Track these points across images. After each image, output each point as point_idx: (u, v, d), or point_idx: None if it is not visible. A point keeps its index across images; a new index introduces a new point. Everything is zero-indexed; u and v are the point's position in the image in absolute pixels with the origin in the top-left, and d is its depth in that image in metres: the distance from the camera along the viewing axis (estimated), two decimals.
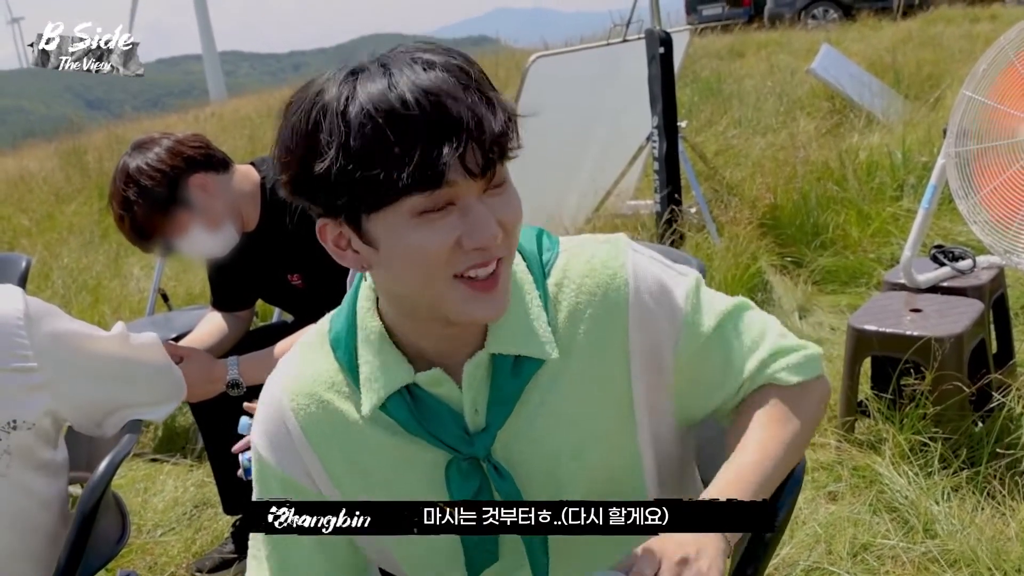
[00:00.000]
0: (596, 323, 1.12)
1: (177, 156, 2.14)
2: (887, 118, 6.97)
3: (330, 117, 0.93)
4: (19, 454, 1.61)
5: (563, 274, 1.14)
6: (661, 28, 4.91)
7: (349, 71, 0.96)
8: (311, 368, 1.17)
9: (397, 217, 0.95)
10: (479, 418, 1.11)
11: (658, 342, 1.14)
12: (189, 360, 2.18)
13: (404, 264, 0.99)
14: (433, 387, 1.10)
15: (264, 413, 1.20)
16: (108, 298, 5.67)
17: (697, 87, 9.04)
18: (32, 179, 10.53)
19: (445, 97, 0.92)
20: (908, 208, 4.94)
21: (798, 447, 1.18)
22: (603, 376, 1.13)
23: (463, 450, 1.10)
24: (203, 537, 3.06)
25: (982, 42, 9.08)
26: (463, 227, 0.96)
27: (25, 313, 1.57)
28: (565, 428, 1.12)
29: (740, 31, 13.92)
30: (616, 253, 1.15)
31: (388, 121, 0.91)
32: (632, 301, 1.12)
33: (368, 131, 0.91)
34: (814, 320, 4.30)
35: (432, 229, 0.96)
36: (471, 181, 0.95)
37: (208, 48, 41.98)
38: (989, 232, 2.88)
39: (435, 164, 0.91)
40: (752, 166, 5.89)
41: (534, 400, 1.12)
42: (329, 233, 1.03)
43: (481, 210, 0.97)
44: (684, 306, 1.15)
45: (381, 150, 0.91)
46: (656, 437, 1.18)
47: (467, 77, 0.95)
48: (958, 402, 2.80)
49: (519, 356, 1.09)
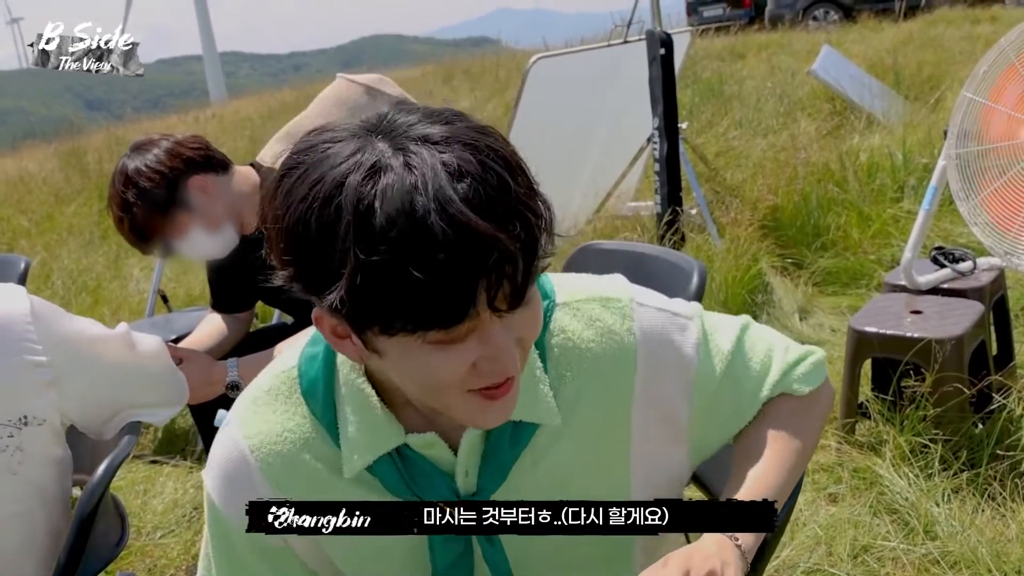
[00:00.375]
0: (601, 386, 1.07)
1: (176, 158, 2.13)
2: (888, 119, 6.96)
3: (345, 214, 0.81)
4: (31, 451, 1.60)
5: (564, 335, 1.07)
6: (662, 29, 4.91)
7: (362, 145, 0.84)
8: (277, 421, 1.06)
9: (411, 340, 0.85)
10: (470, 481, 1.05)
11: (668, 398, 1.10)
12: (188, 362, 2.18)
13: (413, 378, 0.91)
14: (425, 449, 1.03)
15: (225, 470, 1.09)
16: (108, 299, 5.68)
17: (698, 88, 9.04)
18: (32, 180, 10.52)
19: (478, 222, 0.80)
20: (909, 210, 4.94)
21: (808, 453, 1.19)
22: (601, 436, 1.08)
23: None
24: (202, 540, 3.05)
25: (983, 44, 9.07)
26: (480, 352, 0.88)
27: (32, 311, 1.57)
28: (555, 492, 1.06)
29: (741, 32, 13.91)
30: (622, 318, 1.08)
31: (411, 248, 0.79)
32: (640, 366, 1.08)
33: (386, 253, 0.79)
34: (814, 321, 4.30)
35: (447, 354, 0.87)
36: (495, 316, 0.87)
37: (208, 49, 41.96)
38: (989, 234, 2.88)
39: (459, 305, 0.82)
40: (753, 167, 5.89)
41: (527, 463, 1.06)
42: (326, 325, 0.92)
43: (501, 339, 0.88)
44: (695, 358, 1.11)
45: (399, 278, 0.80)
46: (649, 493, 1.14)
47: (506, 190, 0.82)
48: (958, 404, 2.80)
49: (518, 423, 1.03)
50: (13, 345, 1.54)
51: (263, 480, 1.06)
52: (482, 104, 10.52)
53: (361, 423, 1.01)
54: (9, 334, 1.54)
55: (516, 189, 0.83)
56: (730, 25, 14.58)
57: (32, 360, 1.56)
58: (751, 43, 12.72)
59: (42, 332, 1.57)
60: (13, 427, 1.57)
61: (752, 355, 1.17)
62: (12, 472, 1.59)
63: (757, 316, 4.23)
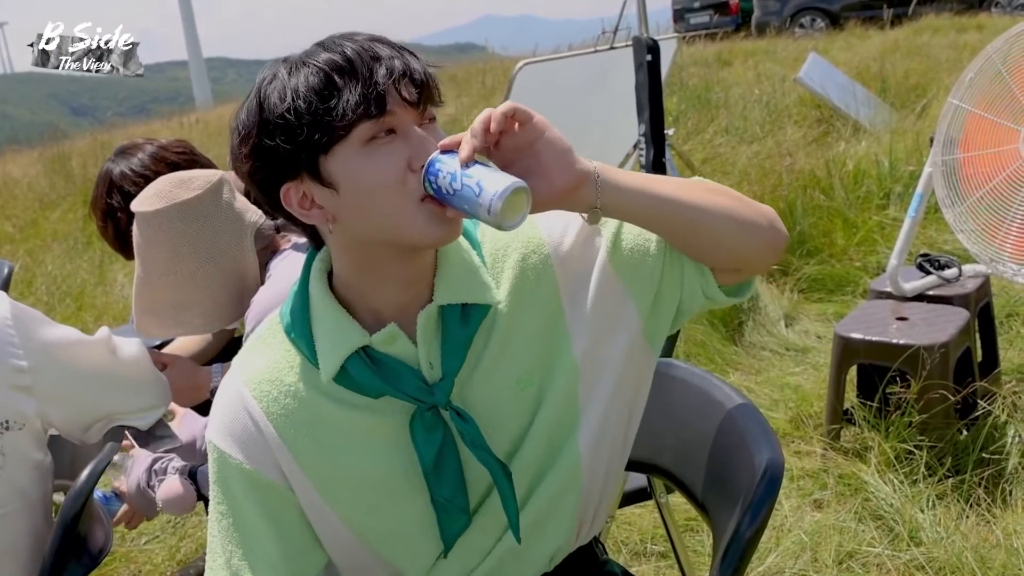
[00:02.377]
0: (521, 257, 1.20)
1: (161, 162, 2.11)
2: (874, 127, 6.99)
3: (279, 83, 1.07)
4: (13, 455, 1.60)
5: (493, 236, 1.23)
6: (648, 35, 4.92)
7: (281, 59, 1.10)
8: (267, 358, 1.22)
9: (349, 150, 1.05)
10: (435, 372, 1.17)
11: (581, 254, 1.21)
12: (172, 367, 2.16)
13: (364, 196, 1.07)
14: (388, 345, 1.16)
15: (225, 412, 1.23)
16: (91, 305, 5.66)
17: (685, 95, 9.06)
18: (16, 185, 10.47)
19: (378, 46, 1.07)
20: (894, 217, 4.96)
21: (730, 207, 1.19)
22: (534, 305, 1.20)
23: (425, 399, 1.16)
24: (187, 545, 3.04)
25: (969, 51, 9.12)
26: (408, 149, 1.07)
27: (13, 315, 1.57)
28: (509, 362, 1.19)
29: (728, 39, 13.97)
30: (529, 226, 1.23)
31: (333, 68, 1.05)
32: (545, 232, 1.22)
33: (316, 77, 1.05)
34: (800, 328, 4.30)
35: (381, 154, 1.06)
36: (408, 109, 1.07)
37: (194, 54, 41.86)
38: (975, 241, 2.89)
39: (375, 91, 1.04)
40: (739, 174, 5.91)
41: (479, 343, 1.19)
42: (293, 196, 1.11)
43: (420, 133, 1.08)
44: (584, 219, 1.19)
45: (328, 89, 1.04)
46: (592, 351, 1.22)
47: (385, 40, 1.09)
48: (944, 410, 2.81)
49: (466, 305, 1.16)
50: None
51: (256, 407, 1.20)
52: (468, 110, 10.51)
53: (330, 329, 1.16)
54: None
55: (402, 44, 1.10)
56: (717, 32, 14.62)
57: (13, 365, 1.55)
58: (738, 50, 12.75)
59: (23, 336, 1.57)
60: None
61: None
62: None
63: (743, 323, 4.24)
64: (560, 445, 1.23)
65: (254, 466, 1.20)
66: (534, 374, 1.20)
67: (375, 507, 1.22)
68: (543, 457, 1.23)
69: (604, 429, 1.25)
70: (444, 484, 1.19)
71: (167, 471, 1.85)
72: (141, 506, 1.89)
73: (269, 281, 1.84)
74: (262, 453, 1.20)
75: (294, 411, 1.19)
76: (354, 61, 1.05)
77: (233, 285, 1.84)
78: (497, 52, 19.63)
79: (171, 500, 1.81)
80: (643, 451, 1.52)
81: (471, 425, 1.17)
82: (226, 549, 1.21)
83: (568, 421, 1.23)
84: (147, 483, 1.86)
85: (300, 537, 1.23)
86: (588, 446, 1.24)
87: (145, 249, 1.80)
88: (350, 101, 1.03)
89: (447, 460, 1.19)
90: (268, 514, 1.21)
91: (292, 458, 1.19)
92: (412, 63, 1.08)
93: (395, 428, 1.18)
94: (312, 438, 1.19)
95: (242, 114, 1.11)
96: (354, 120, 1.04)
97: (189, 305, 1.83)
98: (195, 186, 1.79)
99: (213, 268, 1.79)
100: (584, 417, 1.23)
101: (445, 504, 1.20)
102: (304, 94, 1.04)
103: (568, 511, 1.26)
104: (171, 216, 1.76)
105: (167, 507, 1.83)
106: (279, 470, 1.20)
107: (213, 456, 1.23)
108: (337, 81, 1.04)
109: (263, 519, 1.21)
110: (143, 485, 1.86)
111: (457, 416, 1.17)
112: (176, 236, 1.76)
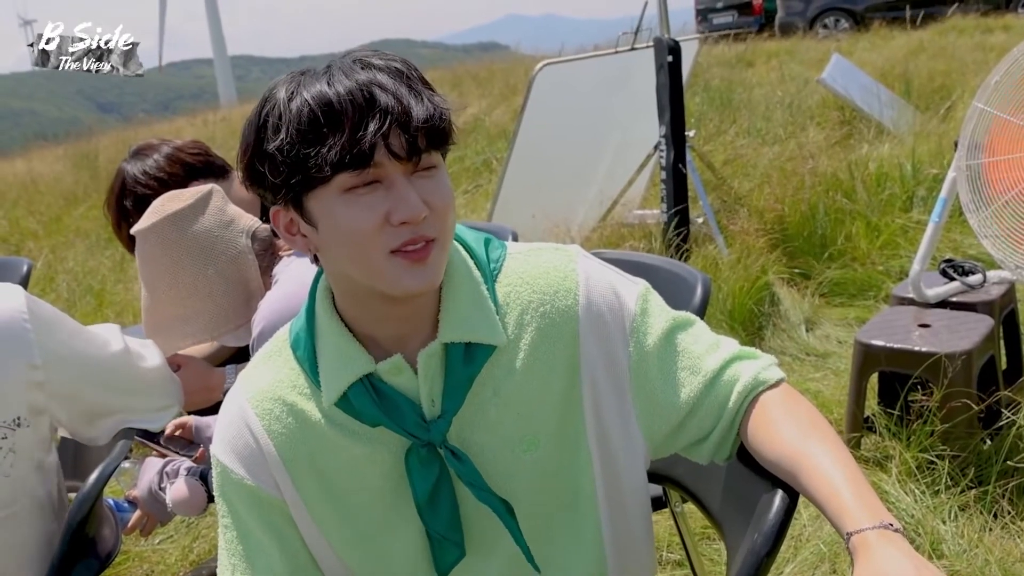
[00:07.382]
0: (547, 322, 1.17)
1: (176, 163, 2.12)
2: (897, 129, 6.92)
3: (278, 108, 1.04)
4: (22, 453, 1.60)
5: (515, 276, 1.19)
6: (669, 36, 4.89)
7: (298, 73, 1.07)
8: (272, 374, 1.21)
9: (329, 194, 1.04)
10: (435, 408, 1.15)
11: (610, 345, 1.18)
12: (186, 368, 2.15)
13: (340, 240, 1.06)
14: (393, 376, 1.14)
15: (228, 427, 1.22)
16: (112, 302, 5.67)
17: (706, 96, 9.00)
18: (41, 181, 10.55)
19: (375, 88, 1.02)
20: (918, 220, 4.90)
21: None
22: (553, 375, 1.17)
23: (421, 436, 1.14)
24: (201, 545, 3.03)
25: (995, 53, 9.03)
26: (389, 203, 1.04)
27: (30, 310, 1.57)
28: (517, 420, 1.17)
29: (751, 40, 13.88)
30: (568, 259, 1.21)
31: (323, 109, 1.01)
32: (583, 303, 1.17)
33: (306, 118, 1.01)
34: (821, 333, 4.26)
35: (360, 205, 1.04)
36: (396, 163, 1.03)
37: (219, 52, 42.06)
38: (1000, 246, 2.84)
39: (360, 144, 1.00)
40: (760, 176, 5.85)
41: (487, 390, 1.16)
42: (281, 219, 1.12)
43: (405, 187, 1.04)
44: (634, 308, 1.20)
45: (316, 132, 1.01)
46: (603, 440, 1.20)
47: (400, 75, 1.05)
48: (967, 419, 2.76)
49: (470, 344, 1.14)
50: (10, 345, 1.53)
51: (258, 424, 1.19)
52: (490, 109, 10.49)
53: (335, 354, 1.15)
54: (7, 334, 1.53)
55: (413, 75, 1.06)
56: (740, 32, 14.54)
57: (28, 362, 1.55)
58: (760, 51, 12.68)
59: (39, 333, 1.57)
60: (8, 428, 1.57)
61: (699, 334, 1.24)
62: (4, 475, 1.58)
63: (763, 327, 4.20)
64: (572, 487, 1.23)
65: (256, 482, 1.19)
66: (541, 445, 1.19)
67: (365, 536, 1.21)
68: (550, 496, 1.22)
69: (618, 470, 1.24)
70: (439, 519, 1.18)
71: (178, 473, 1.84)
72: (153, 510, 1.88)
73: (277, 284, 1.84)
74: (262, 470, 1.19)
75: (295, 431, 1.18)
76: (344, 107, 1.01)
77: (235, 289, 1.85)
78: (521, 51, 19.58)
79: (182, 501, 1.80)
80: (658, 463, 1.49)
81: (467, 465, 1.16)
82: (231, 562, 1.21)
83: (576, 470, 1.22)
84: (158, 485, 1.86)
85: (303, 553, 1.22)
86: (602, 477, 1.23)
87: (145, 268, 1.84)
88: (331, 152, 1.01)
89: (442, 495, 1.17)
90: (271, 529, 1.20)
91: (289, 479, 1.18)
92: (414, 110, 1.03)
93: (391, 459, 1.17)
94: (309, 460, 1.18)
95: (246, 124, 1.10)
96: (335, 170, 1.02)
97: (194, 315, 1.84)
98: (185, 197, 1.84)
99: (212, 272, 1.81)
100: (595, 462, 1.22)
101: (439, 539, 1.19)
102: (291, 133, 1.02)
103: (587, 539, 1.24)
104: (164, 228, 1.80)
105: (178, 508, 1.82)
106: (278, 488, 1.20)
107: (217, 470, 1.23)
108: (323, 126, 1.01)
109: (266, 534, 1.20)
110: (154, 488, 1.86)
111: (452, 456, 1.15)
112: (171, 245, 1.80)
